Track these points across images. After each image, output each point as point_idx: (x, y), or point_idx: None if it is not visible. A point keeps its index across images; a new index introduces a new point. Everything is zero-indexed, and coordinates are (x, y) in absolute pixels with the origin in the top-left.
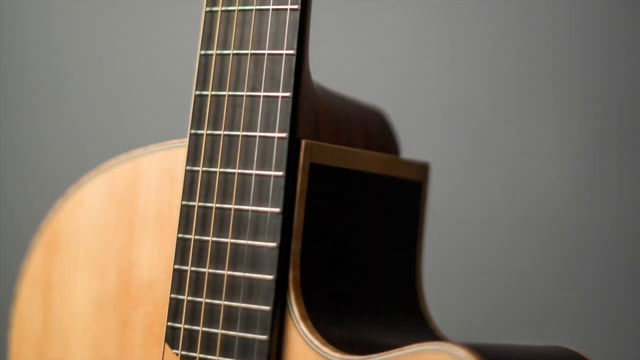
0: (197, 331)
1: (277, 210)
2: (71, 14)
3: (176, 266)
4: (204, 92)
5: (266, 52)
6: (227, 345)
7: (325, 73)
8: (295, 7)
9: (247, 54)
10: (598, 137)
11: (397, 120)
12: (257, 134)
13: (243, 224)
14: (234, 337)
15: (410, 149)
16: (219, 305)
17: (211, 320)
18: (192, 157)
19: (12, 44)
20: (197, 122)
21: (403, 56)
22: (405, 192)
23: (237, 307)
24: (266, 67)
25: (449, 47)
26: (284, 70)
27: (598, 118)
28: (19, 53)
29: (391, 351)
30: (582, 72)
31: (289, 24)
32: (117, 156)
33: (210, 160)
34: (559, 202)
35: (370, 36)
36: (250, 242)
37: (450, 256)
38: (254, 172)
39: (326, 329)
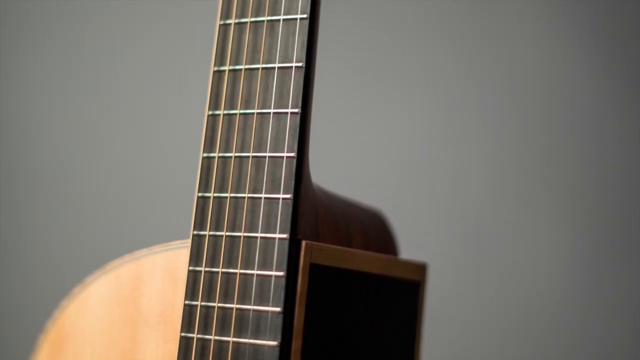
0: None
1: (278, 309)
2: (77, 109)
3: None
4: (207, 194)
5: (267, 154)
6: None
7: (325, 174)
8: (296, 110)
9: (248, 157)
10: (592, 238)
11: (396, 221)
12: (259, 234)
13: (245, 323)
14: None
15: (408, 250)
16: None
17: None
18: (195, 257)
19: (16, 139)
20: (200, 223)
21: (402, 158)
22: (404, 292)
23: None
24: (267, 169)
25: (447, 149)
26: (285, 173)
27: (592, 220)
28: (22, 149)
29: None
30: (577, 174)
31: (290, 127)
32: (121, 257)
33: (213, 261)
34: (554, 302)
35: (368, 139)
36: (251, 341)
37: (448, 356)
38: (255, 272)
39: None
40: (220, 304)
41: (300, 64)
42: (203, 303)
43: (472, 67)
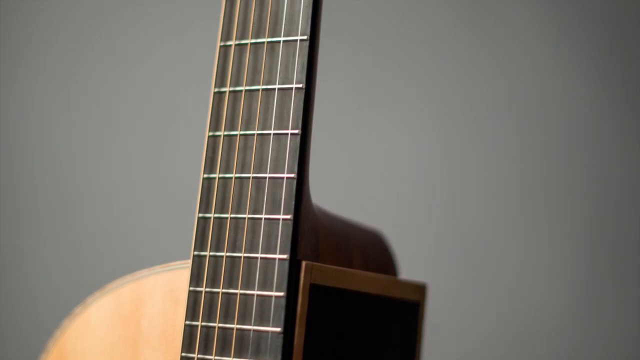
0: None
1: (279, 329)
2: (78, 130)
3: None
4: (207, 215)
5: (267, 175)
6: None
7: (325, 195)
8: (296, 131)
9: (249, 178)
10: (592, 258)
11: (396, 242)
12: (259, 255)
13: (245, 343)
14: None
15: (408, 270)
16: None
17: None
18: (195, 278)
19: (17, 159)
20: (200, 243)
21: (401, 178)
22: (404, 312)
23: None
24: (267, 190)
25: (446, 170)
26: (285, 194)
27: (591, 240)
28: (22, 168)
29: None
30: (575, 195)
31: (290, 148)
32: (122, 277)
33: (213, 281)
34: (553, 323)
35: (368, 160)
36: None
37: None
38: (255, 292)
39: None
40: (220, 324)
41: (300, 85)
42: (204, 323)
43: (471, 88)
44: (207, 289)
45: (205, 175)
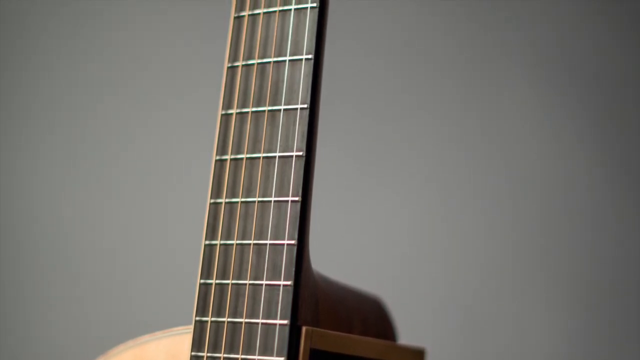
0: None
1: None
2: (79, 197)
3: None
4: (209, 281)
5: (268, 242)
6: None
7: (325, 261)
8: (297, 199)
9: (250, 244)
10: (590, 327)
11: (395, 307)
12: (260, 321)
13: None
14: None
15: (407, 335)
16: None
17: None
18: (197, 343)
19: (19, 223)
20: (202, 309)
21: (400, 245)
22: None
23: None
24: (268, 256)
25: (444, 235)
26: (286, 260)
27: (589, 308)
28: (25, 233)
29: None
30: (573, 264)
31: (290, 215)
32: (124, 342)
33: (215, 347)
34: None
35: (368, 226)
36: None
37: None
38: (256, 357)
39: None
40: None
41: (300, 153)
42: None
43: (469, 153)
44: (209, 354)
45: (207, 242)
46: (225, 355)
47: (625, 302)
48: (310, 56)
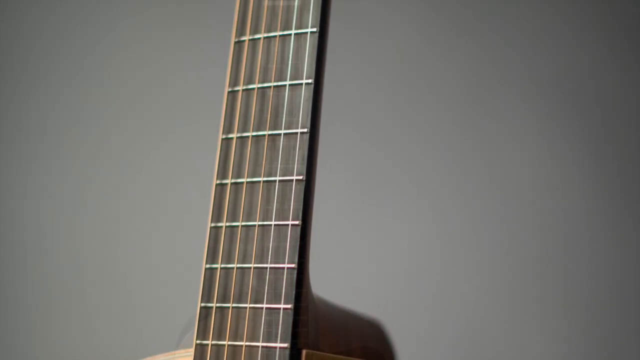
0: None
1: None
2: (83, 220)
3: None
4: (209, 304)
5: (268, 265)
6: None
7: (325, 284)
8: (297, 222)
9: (250, 268)
10: (585, 350)
11: (395, 330)
12: (260, 344)
13: None
14: None
15: (407, 358)
16: None
17: None
18: None
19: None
20: (203, 332)
21: (401, 268)
22: None
23: None
24: (269, 280)
25: (443, 261)
26: (286, 283)
27: (585, 332)
28: (26, 254)
29: None
30: (569, 287)
31: (291, 239)
32: None
33: None
34: None
35: (368, 250)
36: None
37: None
38: None
39: None
40: None
41: (300, 177)
42: None
43: (468, 181)
44: None
45: (208, 266)
46: None
47: (623, 310)
48: (310, 81)
